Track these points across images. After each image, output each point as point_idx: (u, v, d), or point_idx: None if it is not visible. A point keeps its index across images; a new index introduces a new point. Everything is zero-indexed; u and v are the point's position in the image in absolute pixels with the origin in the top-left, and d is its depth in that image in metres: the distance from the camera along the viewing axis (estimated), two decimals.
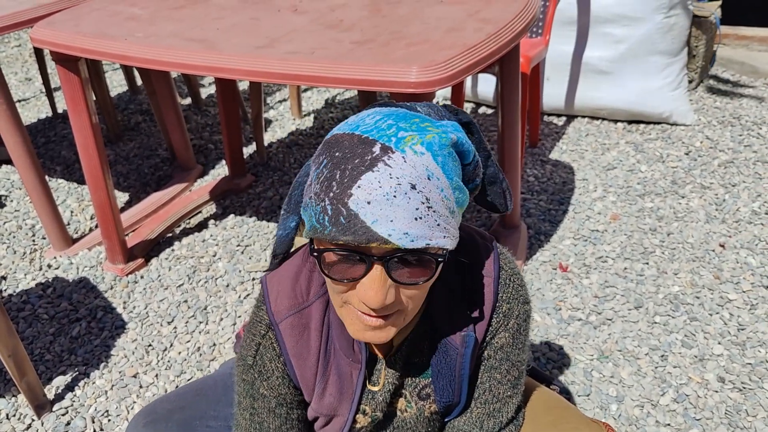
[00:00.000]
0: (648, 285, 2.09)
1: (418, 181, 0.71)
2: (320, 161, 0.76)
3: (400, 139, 0.72)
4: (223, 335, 2.02)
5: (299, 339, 0.93)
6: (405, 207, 0.71)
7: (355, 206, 0.70)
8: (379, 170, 0.70)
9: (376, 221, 0.70)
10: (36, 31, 1.93)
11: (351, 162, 0.72)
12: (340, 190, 0.71)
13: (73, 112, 2.04)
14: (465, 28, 1.62)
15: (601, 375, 1.79)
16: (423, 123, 0.76)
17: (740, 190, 2.52)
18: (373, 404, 0.98)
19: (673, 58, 2.97)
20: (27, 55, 4.63)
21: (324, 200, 0.73)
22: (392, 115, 0.76)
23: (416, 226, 0.71)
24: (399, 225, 0.71)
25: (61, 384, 1.88)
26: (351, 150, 0.72)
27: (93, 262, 2.38)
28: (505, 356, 0.97)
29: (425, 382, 0.98)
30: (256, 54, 1.59)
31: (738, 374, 1.76)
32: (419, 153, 0.72)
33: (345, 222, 0.71)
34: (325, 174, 0.73)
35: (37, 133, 3.44)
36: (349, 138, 0.74)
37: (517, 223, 2.27)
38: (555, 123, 3.18)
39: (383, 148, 0.71)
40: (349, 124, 0.77)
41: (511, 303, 0.95)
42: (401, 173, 0.70)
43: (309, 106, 3.59)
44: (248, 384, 0.96)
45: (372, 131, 0.73)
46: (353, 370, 0.95)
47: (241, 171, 2.83)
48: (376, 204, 0.70)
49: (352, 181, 0.71)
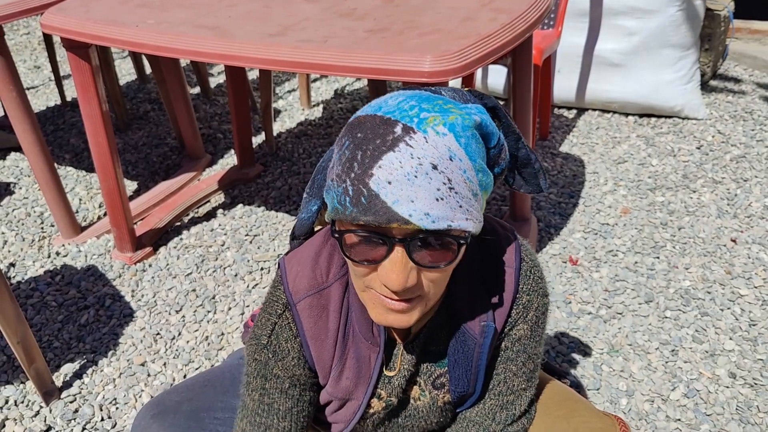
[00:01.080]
0: (659, 279, 2.08)
1: (440, 162, 0.70)
2: (342, 143, 0.75)
3: (422, 119, 0.71)
4: (231, 325, 2.02)
5: (317, 320, 0.92)
6: (426, 187, 0.70)
7: (375, 186, 0.70)
8: (400, 150, 0.70)
9: (397, 201, 0.70)
10: (46, 17, 1.92)
11: (372, 142, 0.71)
12: (362, 170, 0.71)
13: (83, 100, 2.03)
14: (479, 18, 1.61)
15: (611, 369, 1.78)
16: (446, 105, 0.75)
17: (752, 185, 2.50)
18: (389, 389, 0.97)
19: (686, 52, 2.94)
20: (36, 43, 4.63)
21: (345, 181, 0.72)
22: (415, 96, 0.76)
23: (438, 207, 0.70)
24: (420, 205, 0.70)
25: (69, 371, 1.88)
26: (373, 131, 0.72)
27: (101, 250, 2.38)
28: (522, 348, 0.96)
29: (441, 371, 0.97)
30: (269, 42, 1.58)
31: (749, 370, 1.75)
32: (441, 134, 0.71)
33: (366, 202, 0.71)
34: (347, 155, 0.73)
35: (46, 121, 3.44)
36: (371, 119, 0.73)
37: (527, 216, 2.26)
38: (565, 116, 3.16)
39: (405, 128, 0.71)
40: (372, 106, 0.76)
41: (531, 295, 0.94)
42: (423, 153, 0.70)
43: (318, 96, 3.57)
44: (261, 364, 0.95)
45: (394, 112, 0.73)
46: (371, 354, 0.94)
47: (249, 161, 2.82)
48: (397, 184, 0.69)
49: (373, 161, 0.70)
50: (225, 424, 1.12)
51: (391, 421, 1.02)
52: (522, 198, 2.18)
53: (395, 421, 1.02)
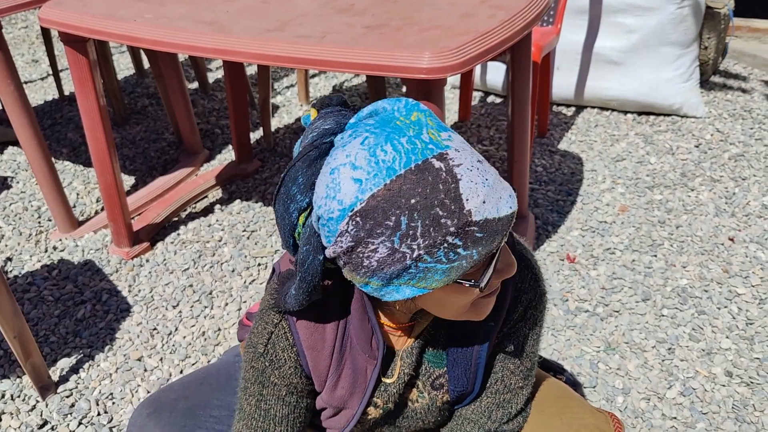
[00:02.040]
0: (656, 277, 2.08)
1: (475, 155, 0.74)
2: (391, 225, 0.70)
3: (433, 141, 0.72)
4: (228, 320, 2.01)
5: (314, 331, 0.91)
6: (493, 179, 0.74)
7: (479, 215, 0.71)
8: (461, 176, 0.71)
9: (496, 207, 0.72)
10: (44, 11, 1.92)
11: (435, 194, 0.69)
12: (456, 217, 0.70)
13: (81, 94, 2.02)
14: (478, 14, 1.60)
15: (608, 367, 1.78)
16: (398, 118, 0.74)
17: (750, 184, 2.50)
18: (386, 396, 0.97)
19: (685, 50, 2.94)
20: (34, 37, 4.61)
21: (443, 241, 0.70)
22: (385, 136, 0.72)
23: (503, 186, 0.75)
24: (504, 194, 0.74)
25: (66, 366, 1.88)
26: (420, 186, 0.69)
27: (98, 245, 2.38)
28: (520, 346, 0.96)
29: (440, 372, 0.97)
30: (266, 37, 1.57)
31: (746, 369, 1.75)
32: (448, 138, 0.74)
33: (483, 233, 0.71)
34: (420, 225, 0.69)
35: (43, 115, 3.43)
36: (401, 182, 0.69)
37: (524, 213, 2.26)
38: (564, 113, 3.15)
39: (437, 158, 0.71)
40: (375, 176, 0.70)
41: (529, 294, 0.95)
42: (469, 160, 0.72)
43: (316, 92, 3.57)
44: (258, 371, 0.95)
45: (410, 158, 0.70)
46: (368, 366, 0.93)
47: (247, 156, 2.82)
48: (487, 197, 0.72)
49: (456, 202, 0.70)
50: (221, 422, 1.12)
51: (389, 423, 1.02)
52: (520, 196, 2.18)
53: (393, 423, 1.01)
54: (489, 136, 2.97)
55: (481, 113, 3.19)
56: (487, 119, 3.13)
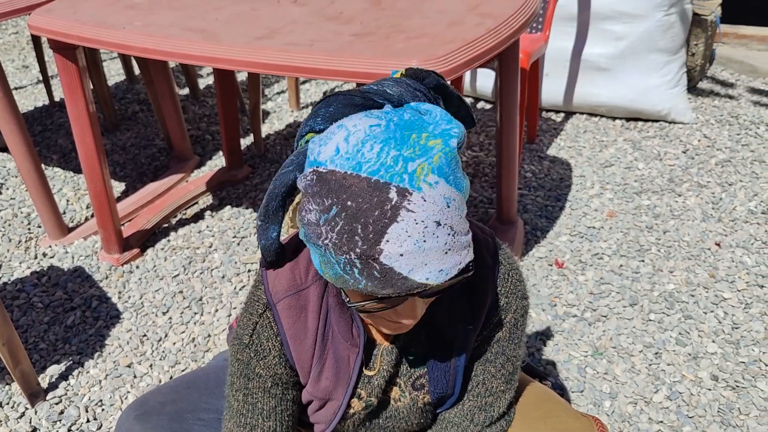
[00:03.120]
0: (643, 282, 2.10)
1: (441, 215, 0.71)
2: (326, 204, 0.72)
3: (411, 174, 0.70)
4: (218, 326, 2.02)
5: (296, 320, 0.92)
6: (435, 247, 0.71)
7: (388, 260, 0.70)
8: (403, 219, 0.69)
9: (412, 270, 0.71)
10: (34, 18, 1.92)
11: (370, 214, 0.69)
12: (368, 246, 0.70)
13: (70, 101, 2.03)
14: (465, 23, 1.62)
15: (595, 371, 1.80)
16: (422, 134, 0.73)
17: (737, 189, 2.53)
18: (369, 389, 0.98)
19: (673, 56, 2.97)
20: (24, 43, 4.61)
21: (349, 254, 0.71)
22: (389, 138, 0.72)
23: (447, 259, 0.72)
24: (433, 266, 0.71)
25: (55, 373, 1.88)
26: (365, 199, 0.70)
27: (88, 252, 2.38)
28: (500, 350, 0.97)
29: (420, 372, 0.98)
30: (256, 45, 1.59)
31: (731, 373, 1.77)
32: (434, 184, 0.70)
33: (380, 276, 0.71)
34: (340, 225, 0.71)
35: (33, 122, 3.42)
36: (356, 182, 0.70)
37: (513, 219, 2.27)
38: (553, 119, 3.18)
39: (399, 192, 0.69)
40: (347, 159, 0.71)
41: (509, 297, 0.95)
42: (425, 215, 0.70)
43: (307, 98, 3.58)
44: (243, 363, 0.96)
45: (379, 171, 0.70)
46: (351, 354, 0.95)
47: (238, 162, 2.83)
48: (409, 255, 0.70)
49: (378, 236, 0.69)
50: (209, 426, 1.12)
51: (372, 422, 1.03)
52: (509, 201, 2.19)
53: (376, 422, 1.02)
54: (479, 142, 2.99)
55: None
56: (477, 125, 3.15)
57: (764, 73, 3.39)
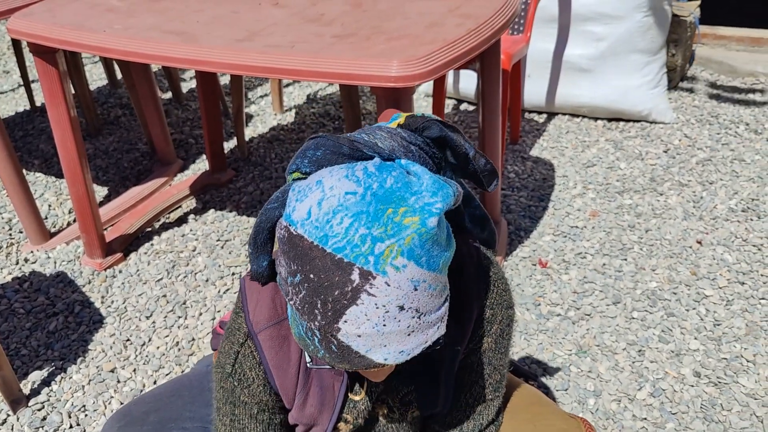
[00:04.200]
0: (626, 281, 2.11)
1: (405, 300, 0.68)
2: (292, 268, 0.71)
3: (378, 256, 0.66)
4: (202, 330, 2.01)
5: (279, 350, 0.91)
6: (396, 330, 0.69)
7: (345, 339, 0.69)
8: (363, 302, 0.67)
9: (370, 350, 0.69)
10: (13, 22, 1.91)
11: (330, 293, 0.68)
12: (326, 322, 0.69)
13: (51, 105, 2.01)
14: (445, 24, 1.62)
15: (579, 370, 1.81)
16: (398, 210, 0.68)
17: (717, 188, 2.55)
18: (355, 413, 0.97)
19: (653, 57, 2.99)
20: (5, 48, 4.57)
21: (309, 324, 0.71)
22: (361, 212, 0.67)
23: (410, 340, 0.71)
24: (393, 347, 0.70)
25: (38, 379, 1.86)
26: (327, 276, 0.67)
27: (71, 257, 2.36)
28: (487, 360, 0.97)
29: (408, 389, 0.97)
30: (236, 47, 1.58)
31: (713, 369, 1.78)
32: (401, 267, 0.67)
33: (337, 351, 0.70)
34: (303, 293, 0.70)
35: (14, 126, 3.39)
36: (320, 256, 0.68)
37: (497, 219, 2.28)
38: (536, 120, 3.19)
39: (362, 274, 0.66)
40: (316, 228, 0.68)
41: (495, 308, 0.94)
42: (387, 300, 0.67)
43: (290, 101, 3.57)
44: (227, 392, 0.95)
45: (345, 249, 0.67)
46: (335, 382, 0.94)
47: (221, 166, 2.82)
48: (367, 336, 0.69)
49: (337, 315, 0.68)
50: None
51: None
52: (492, 201, 2.20)
53: None
54: None
55: (455, 121, 3.22)
56: (461, 126, 3.16)
57: (743, 73, 3.43)
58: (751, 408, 1.66)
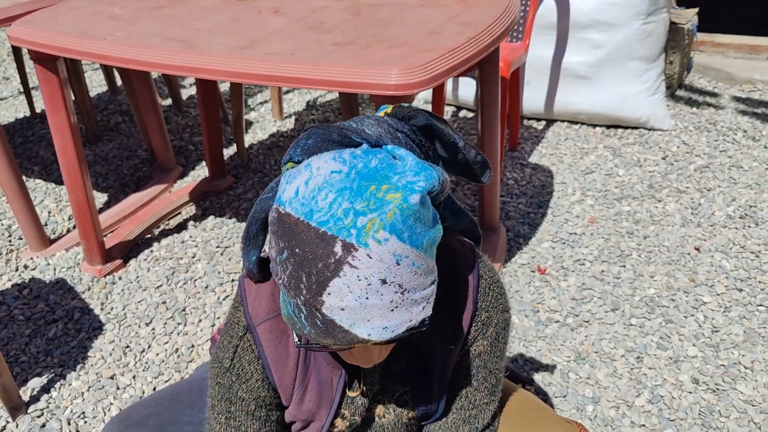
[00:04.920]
0: (624, 287, 2.12)
1: (388, 273, 0.69)
2: (280, 246, 0.72)
3: (360, 229, 0.68)
4: (201, 337, 2.01)
5: (278, 344, 0.92)
6: (379, 304, 0.70)
7: (329, 312, 0.70)
8: (345, 274, 0.68)
9: (354, 324, 0.70)
10: (14, 29, 1.92)
11: (314, 266, 0.69)
12: (310, 295, 0.70)
13: (52, 112, 2.02)
14: (445, 31, 1.63)
15: (578, 376, 1.81)
16: (381, 186, 0.70)
17: (715, 195, 2.56)
18: (352, 408, 0.97)
19: (651, 64, 3.01)
20: (5, 54, 4.58)
21: (295, 299, 0.72)
22: (345, 188, 0.70)
23: (394, 317, 0.71)
24: (377, 322, 0.70)
25: (37, 386, 1.86)
26: (311, 249, 0.69)
27: (70, 263, 2.36)
28: (482, 364, 0.97)
29: (404, 389, 0.97)
30: (237, 55, 1.59)
31: (712, 375, 1.79)
32: (383, 241, 0.68)
33: (322, 326, 0.71)
34: (289, 269, 0.71)
35: (14, 133, 3.40)
36: (305, 230, 0.70)
37: (496, 226, 2.29)
38: (534, 127, 3.21)
39: (345, 246, 0.68)
40: (302, 205, 0.71)
41: (490, 311, 0.95)
42: (369, 272, 0.68)
43: (290, 108, 3.58)
44: (224, 387, 0.95)
45: (328, 223, 0.69)
46: (333, 377, 0.94)
47: (221, 172, 2.82)
48: (350, 309, 0.69)
49: (320, 288, 0.69)
50: None
51: None
52: (491, 208, 2.21)
53: None
54: None
55: (454, 128, 3.23)
56: (460, 133, 3.16)
57: (741, 80, 3.45)
58: (749, 414, 1.67)
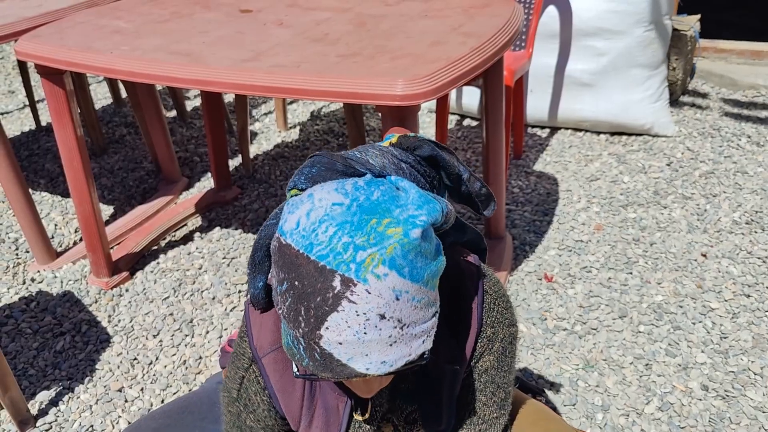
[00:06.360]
0: (632, 294, 2.11)
1: (387, 309, 0.68)
2: (280, 277, 0.72)
3: (359, 264, 0.67)
4: (209, 348, 2.01)
5: (283, 374, 0.92)
6: (378, 339, 0.69)
7: (327, 346, 0.69)
8: (344, 309, 0.68)
9: (352, 359, 0.70)
10: (21, 44, 1.93)
11: (313, 299, 0.69)
12: (309, 329, 0.70)
13: (58, 125, 2.03)
14: (449, 42, 1.64)
15: (587, 384, 1.80)
16: (382, 220, 0.70)
17: (721, 201, 2.56)
18: (360, 431, 0.97)
19: (654, 71, 3.01)
20: (10, 68, 4.61)
21: (295, 330, 0.72)
22: (346, 222, 0.69)
23: (393, 351, 0.71)
24: (375, 357, 0.70)
25: (45, 399, 1.87)
26: (310, 283, 0.69)
27: (77, 276, 2.37)
28: (490, 379, 0.96)
29: (412, 408, 0.97)
30: (242, 67, 1.60)
31: (721, 382, 1.78)
32: (382, 276, 0.68)
33: (320, 359, 0.71)
34: (289, 301, 0.71)
35: (20, 146, 3.42)
36: (305, 263, 0.69)
37: (502, 234, 2.29)
38: (539, 135, 3.21)
39: (344, 282, 0.67)
40: (303, 237, 0.70)
41: (496, 327, 0.94)
42: (367, 307, 0.68)
43: (294, 118, 3.59)
44: (234, 415, 0.96)
45: (328, 256, 0.68)
46: (339, 403, 0.94)
47: (226, 183, 2.83)
48: (348, 344, 0.69)
49: (319, 322, 0.69)
50: None
51: None
52: (497, 216, 2.21)
53: None
54: (466, 159, 3.01)
55: (458, 136, 3.24)
56: (464, 142, 3.17)
57: (744, 86, 3.45)
58: (759, 421, 1.66)
